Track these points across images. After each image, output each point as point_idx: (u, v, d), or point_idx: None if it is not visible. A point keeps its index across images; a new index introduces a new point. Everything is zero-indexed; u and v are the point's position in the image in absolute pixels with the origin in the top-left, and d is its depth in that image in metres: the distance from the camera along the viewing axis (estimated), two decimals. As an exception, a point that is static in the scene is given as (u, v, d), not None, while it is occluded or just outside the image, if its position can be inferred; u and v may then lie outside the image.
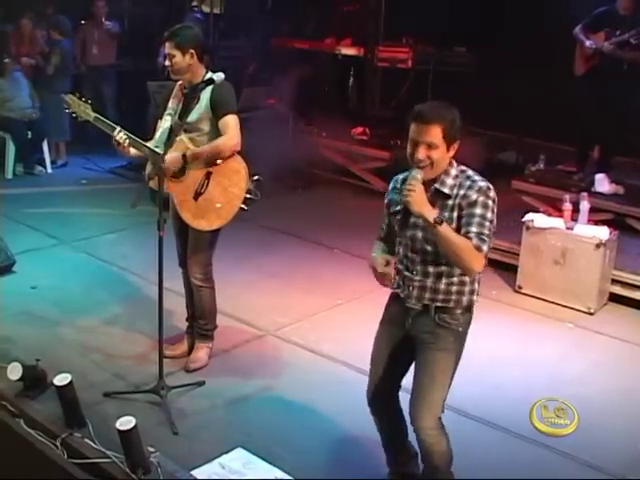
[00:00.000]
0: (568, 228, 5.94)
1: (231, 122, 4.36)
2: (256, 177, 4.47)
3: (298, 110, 8.80)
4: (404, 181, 3.21)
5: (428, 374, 3.27)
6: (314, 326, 5.39)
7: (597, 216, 6.38)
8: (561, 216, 6.09)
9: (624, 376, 4.94)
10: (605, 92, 6.88)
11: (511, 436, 4.13)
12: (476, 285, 3.26)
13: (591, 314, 5.79)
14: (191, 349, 4.76)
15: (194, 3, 10.48)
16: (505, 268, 6.29)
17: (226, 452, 3.85)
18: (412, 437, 3.57)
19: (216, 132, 4.38)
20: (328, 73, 10.22)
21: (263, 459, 3.81)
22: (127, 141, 4.27)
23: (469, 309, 3.28)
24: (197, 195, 4.43)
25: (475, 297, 3.28)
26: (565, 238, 5.91)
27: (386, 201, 3.40)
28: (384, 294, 5.94)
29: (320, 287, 6.02)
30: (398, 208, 3.23)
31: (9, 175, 8.62)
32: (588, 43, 6.98)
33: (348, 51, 9.75)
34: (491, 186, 3.14)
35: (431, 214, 3.01)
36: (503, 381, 4.63)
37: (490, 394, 4.08)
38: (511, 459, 3.98)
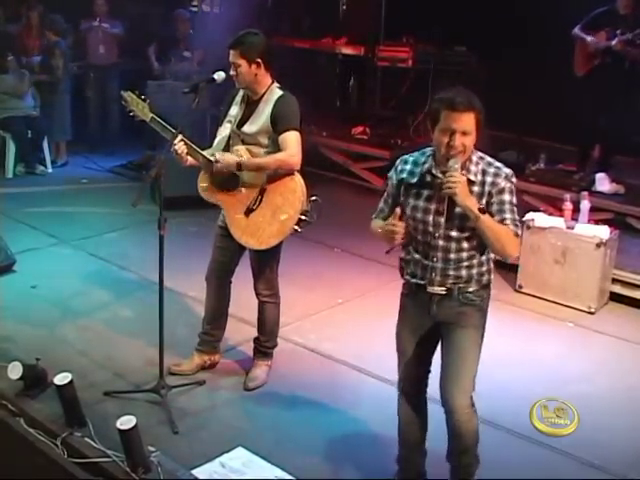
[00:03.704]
0: (568, 227, 5.93)
1: (292, 138, 4.14)
2: (313, 198, 4.28)
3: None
4: (416, 162, 3.30)
5: (458, 353, 3.33)
6: (314, 325, 5.39)
7: (597, 215, 6.38)
8: (561, 215, 6.09)
9: (625, 375, 4.93)
10: (606, 92, 6.88)
11: (512, 435, 4.13)
12: (491, 264, 3.37)
13: (591, 313, 5.79)
14: (201, 368, 4.64)
15: (194, 2, 10.49)
16: (505, 267, 6.28)
17: (226, 451, 3.85)
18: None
19: (275, 147, 4.18)
20: (328, 72, 10.22)
21: (263, 458, 3.81)
22: (185, 149, 4.12)
23: (488, 285, 3.38)
24: (249, 211, 4.27)
25: (492, 276, 3.38)
26: (565, 237, 5.90)
27: (394, 182, 3.36)
28: (385, 293, 5.97)
29: (320, 286, 6.02)
30: (425, 193, 3.24)
31: (9, 174, 8.61)
32: (589, 39, 6.98)
33: (348, 50, 9.75)
34: (512, 172, 3.28)
35: (474, 204, 3.11)
36: (503, 380, 4.63)
37: (490, 393, 4.07)
38: (512, 458, 3.98)
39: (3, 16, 9.42)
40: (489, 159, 3.29)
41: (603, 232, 5.83)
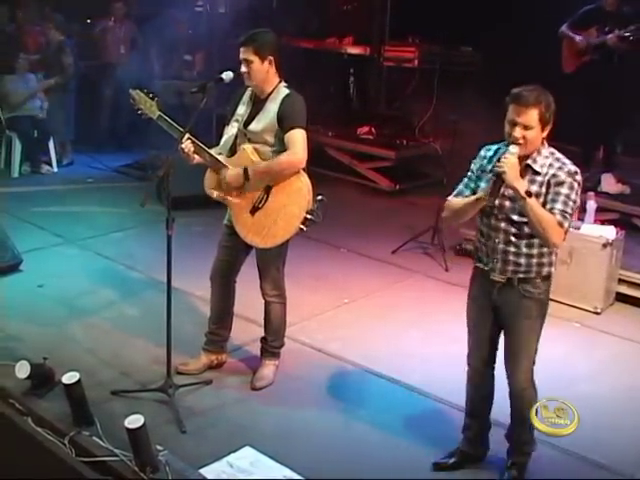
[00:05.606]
0: (575, 228, 5.90)
1: (297, 137, 4.13)
2: (319, 197, 4.27)
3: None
4: (496, 151, 3.53)
5: (518, 342, 3.59)
6: (321, 325, 5.39)
7: (603, 216, 6.38)
8: (567, 215, 6.08)
9: (631, 375, 4.93)
10: (598, 89, 6.90)
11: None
12: (554, 257, 3.56)
13: (598, 314, 5.78)
14: (208, 367, 4.64)
15: (199, 3, 10.49)
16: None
17: (234, 450, 3.85)
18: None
19: (281, 145, 4.18)
20: (333, 72, 10.22)
21: (271, 458, 3.81)
22: (192, 148, 4.15)
23: (549, 278, 3.57)
24: (254, 210, 4.26)
25: (553, 268, 3.57)
26: (572, 238, 5.83)
27: (475, 166, 3.61)
28: (391, 293, 5.98)
29: (326, 286, 6.03)
30: (489, 176, 3.46)
31: (15, 174, 8.63)
32: (578, 39, 7.03)
33: (354, 50, 9.75)
34: (578, 170, 3.43)
35: (522, 186, 3.31)
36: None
37: (495, 393, 4.07)
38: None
39: (7, 14, 9.40)
40: (559, 155, 3.46)
41: (609, 232, 5.83)
